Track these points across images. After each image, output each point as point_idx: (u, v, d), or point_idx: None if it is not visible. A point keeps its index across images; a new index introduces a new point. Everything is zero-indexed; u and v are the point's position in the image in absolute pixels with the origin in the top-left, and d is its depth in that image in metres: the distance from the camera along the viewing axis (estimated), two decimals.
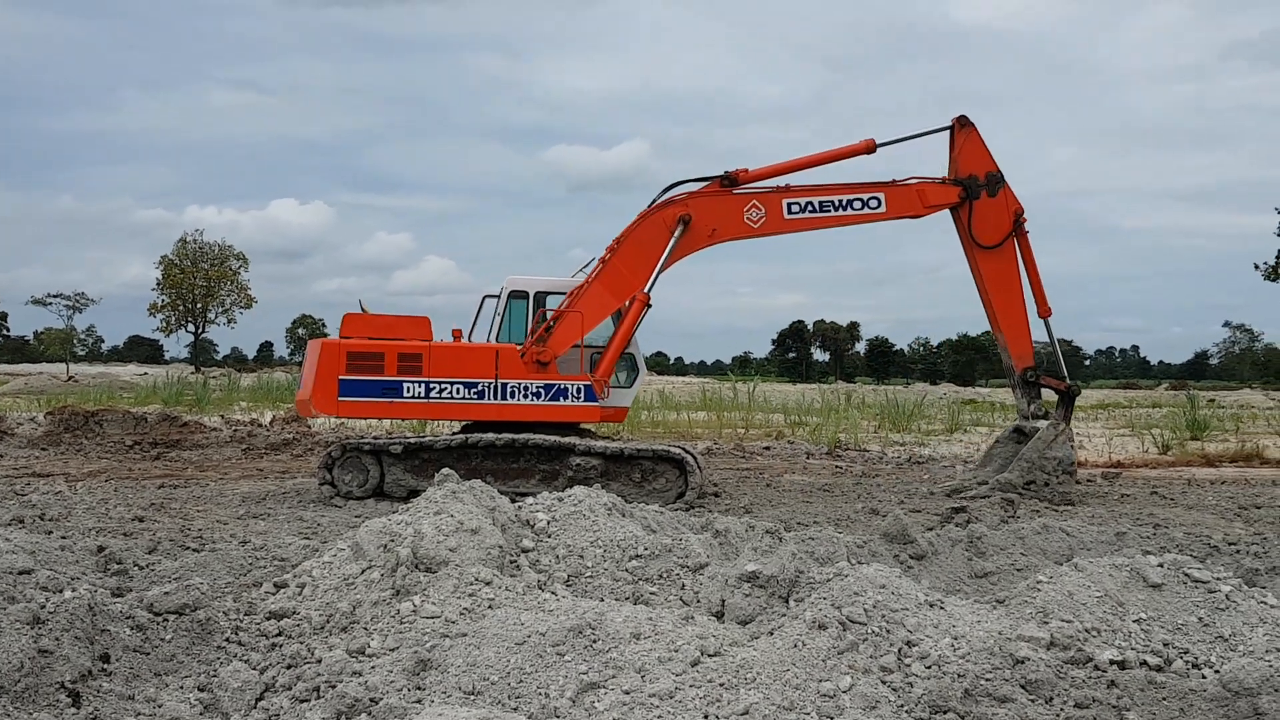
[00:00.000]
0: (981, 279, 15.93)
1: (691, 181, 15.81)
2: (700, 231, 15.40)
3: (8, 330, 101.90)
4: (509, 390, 14.49)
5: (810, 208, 15.53)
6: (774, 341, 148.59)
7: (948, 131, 16.03)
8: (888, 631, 5.18)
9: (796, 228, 15.61)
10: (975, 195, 15.71)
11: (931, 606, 5.45)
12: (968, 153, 15.84)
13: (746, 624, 5.86)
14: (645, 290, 15.02)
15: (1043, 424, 15.26)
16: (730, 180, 15.65)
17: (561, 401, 14.48)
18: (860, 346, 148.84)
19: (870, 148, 15.95)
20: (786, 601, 6.01)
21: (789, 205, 15.51)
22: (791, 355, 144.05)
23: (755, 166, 15.91)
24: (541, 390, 14.50)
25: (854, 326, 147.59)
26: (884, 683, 4.91)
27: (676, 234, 15.20)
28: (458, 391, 14.49)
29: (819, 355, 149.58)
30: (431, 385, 14.45)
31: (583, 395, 14.49)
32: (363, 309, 15.00)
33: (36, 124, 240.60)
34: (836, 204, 15.59)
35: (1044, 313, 15.74)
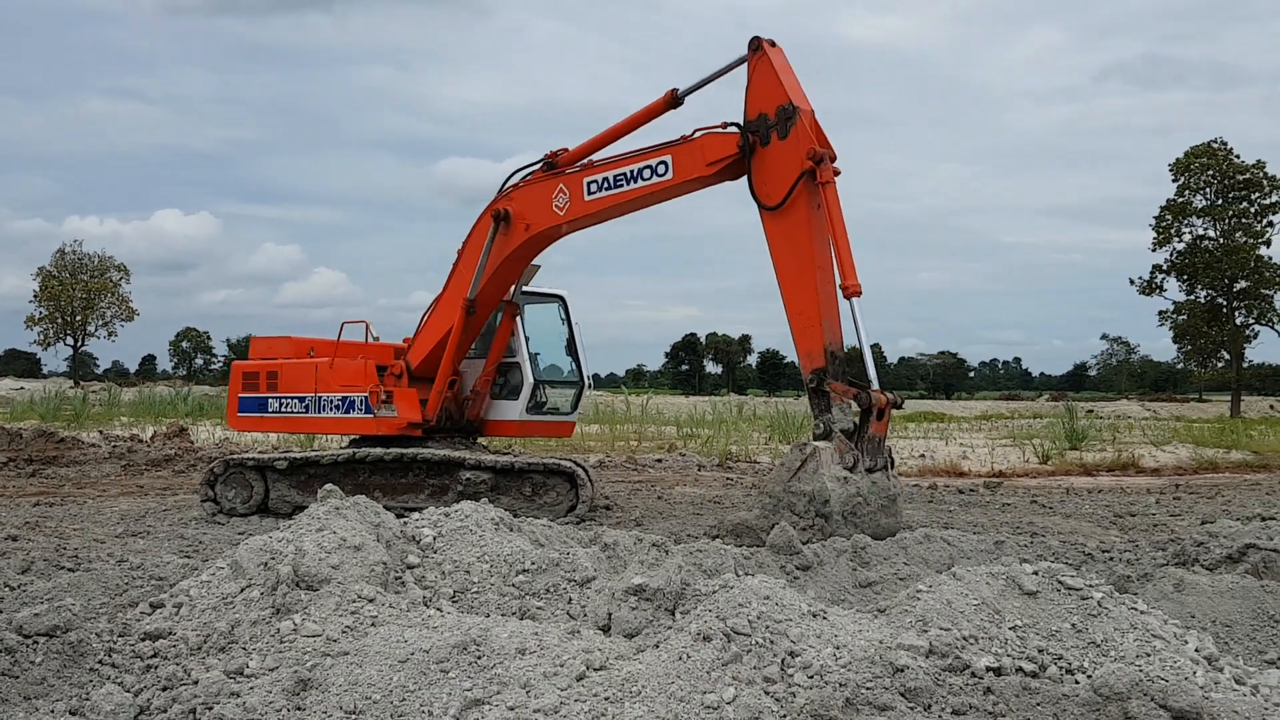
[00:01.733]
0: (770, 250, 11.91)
1: (527, 168, 14.05)
2: (517, 227, 13.80)
3: None
4: (321, 404, 14.70)
5: (606, 184, 12.99)
6: (667, 354, 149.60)
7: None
8: (771, 642, 5.22)
9: (599, 209, 13.13)
10: (765, 140, 11.78)
11: (815, 616, 5.51)
12: (758, 85, 11.90)
13: (633, 637, 5.86)
14: (467, 295, 14.10)
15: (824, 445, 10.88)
16: (549, 164, 13.80)
17: (349, 414, 14.49)
18: (752, 359, 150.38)
19: (671, 99, 12.94)
20: (673, 614, 6.03)
21: (588, 185, 13.14)
22: (684, 368, 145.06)
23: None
24: (340, 402, 14.59)
25: (746, 339, 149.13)
26: (767, 693, 4.95)
27: (491, 232, 13.92)
28: (292, 406, 14.89)
29: (712, 368, 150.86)
30: (284, 400, 14.87)
31: (364, 407, 14.49)
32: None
33: None
34: (630, 175, 12.82)
35: (851, 291, 10.95)
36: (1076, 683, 5.13)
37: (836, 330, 11.42)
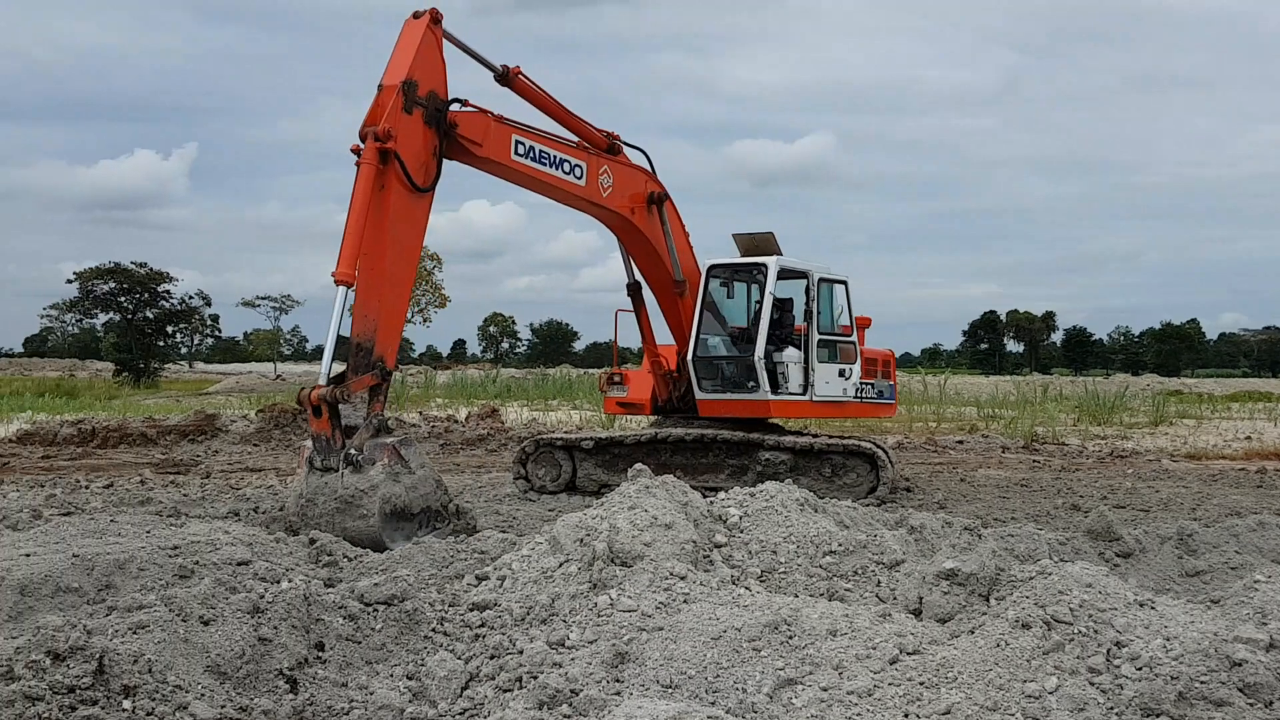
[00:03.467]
0: None
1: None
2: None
3: (220, 331, 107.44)
4: None
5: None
6: (965, 333, 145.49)
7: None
8: (1095, 631, 5.01)
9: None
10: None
11: (1141, 606, 5.25)
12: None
13: (945, 622, 5.76)
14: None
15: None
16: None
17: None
18: (1056, 337, 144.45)
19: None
20: (987, 600, 5.89)
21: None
22: (983, 347, 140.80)
23: None
24: None
25: (1049, 316, 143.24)
26: (1092, 684, 4.76)
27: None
28: None
29: (1012, 346, 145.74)
30: None
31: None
32: None
33: (242, 135, 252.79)
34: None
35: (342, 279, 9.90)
36: None
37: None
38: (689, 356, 14.47)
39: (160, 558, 6.82)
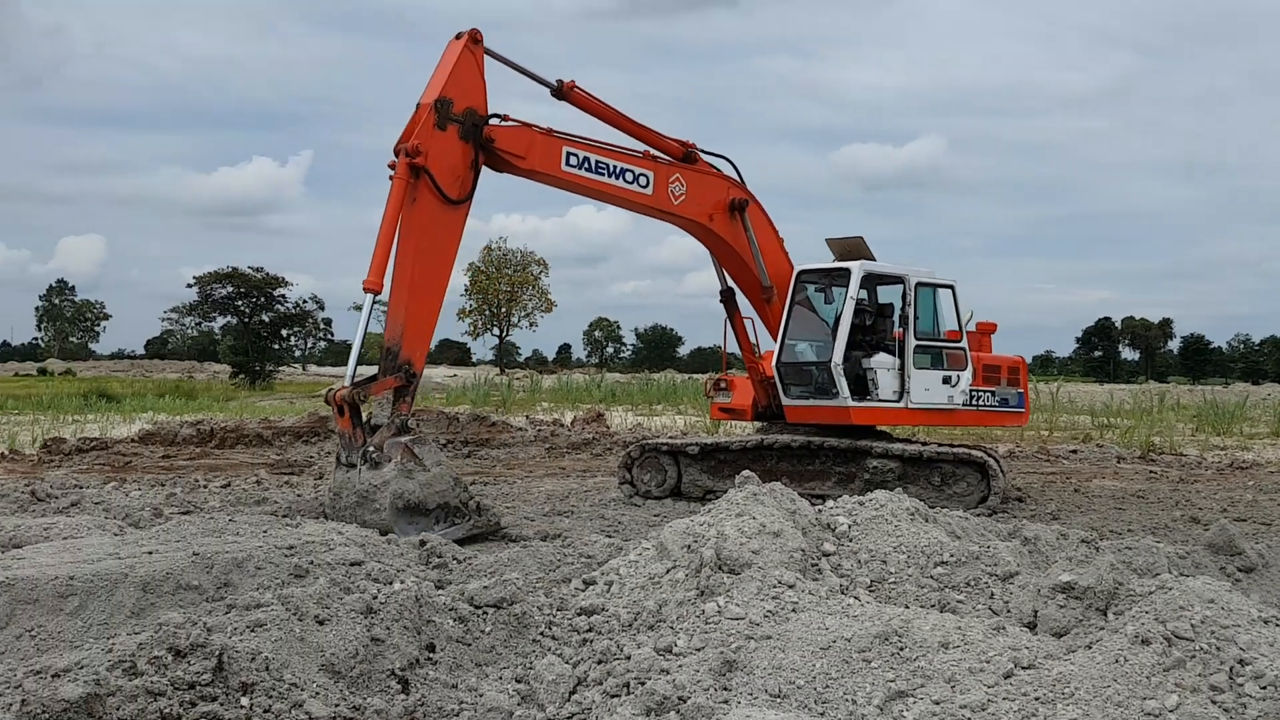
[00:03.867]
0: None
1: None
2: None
3: (332, 334, 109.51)
4: None
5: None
6: (1078, 340, 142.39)
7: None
8: (1218, 649, 4.87)
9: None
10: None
11: (1265, 623, 5.09)
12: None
13: (1061, 636, 5.63)
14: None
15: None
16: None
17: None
18: (1173, 344, 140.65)
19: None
20: (1104, 614, 5.75)
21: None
22: (1097, 354, 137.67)
23: None
24: None
25: (1166, 323, 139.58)
26: (1214, 703, 4.62)
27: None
28: None
29: (1127, 354, 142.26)
30: None
31: None
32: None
33: (355, 141, 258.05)
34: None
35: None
36: None
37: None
38: (774, 362, 14.41)
39: (276, 557, 6.97)
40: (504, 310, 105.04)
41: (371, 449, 10.42)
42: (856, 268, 14.18)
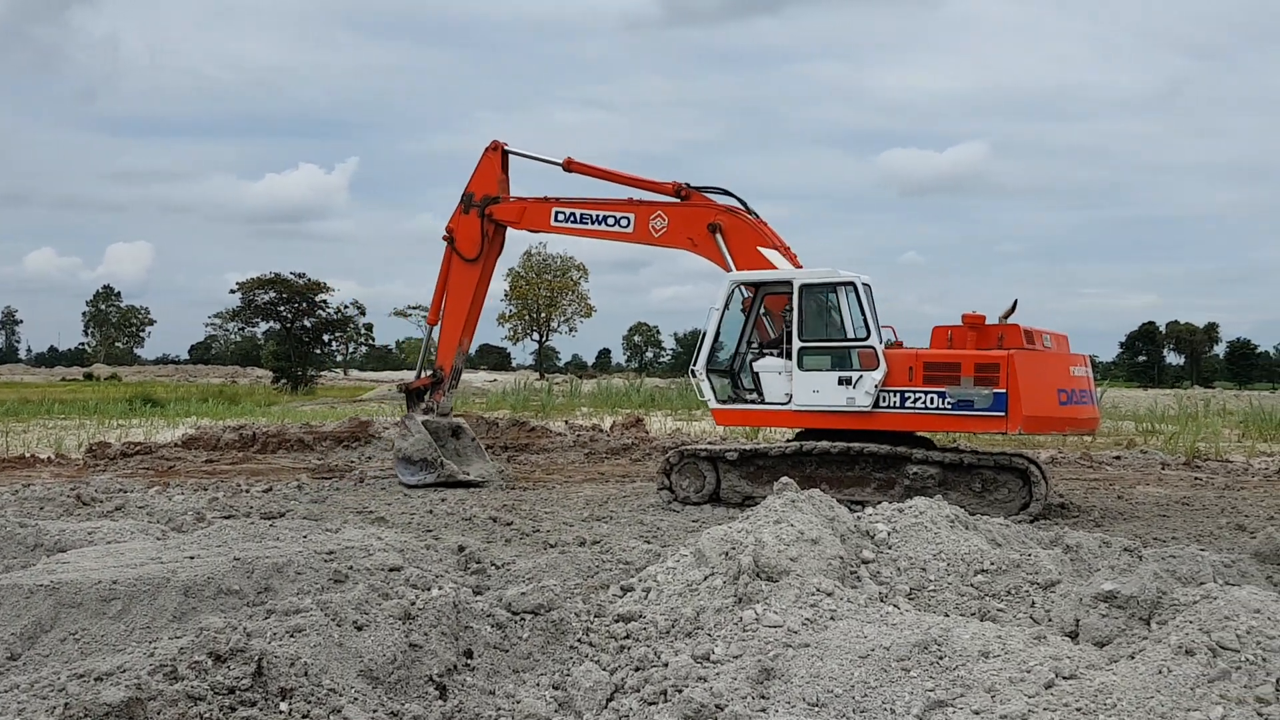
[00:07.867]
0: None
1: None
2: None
3: (373, 340, 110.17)
4: None
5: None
6: (1122, 344, 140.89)
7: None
8: (1264, 660, 4.80)
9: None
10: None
11: None
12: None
13: (1103, 646, 5.57)
14: None
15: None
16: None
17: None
18: (1219, 349, 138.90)
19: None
20: (1148, 624, 5.68)
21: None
22: (1141, 358, 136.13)
23: None
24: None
25: (1212, 327, 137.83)
26: (1260, 715, 4.56)
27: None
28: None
29: (1172, 359, 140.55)
30: None
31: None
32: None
33: (400, 149, 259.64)
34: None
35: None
36: None
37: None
38: (690, 368, 15.47)
39: (316, 562, 7.01)
40: (543, 315, 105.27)
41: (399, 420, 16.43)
42: (728, 279, 14.91)
